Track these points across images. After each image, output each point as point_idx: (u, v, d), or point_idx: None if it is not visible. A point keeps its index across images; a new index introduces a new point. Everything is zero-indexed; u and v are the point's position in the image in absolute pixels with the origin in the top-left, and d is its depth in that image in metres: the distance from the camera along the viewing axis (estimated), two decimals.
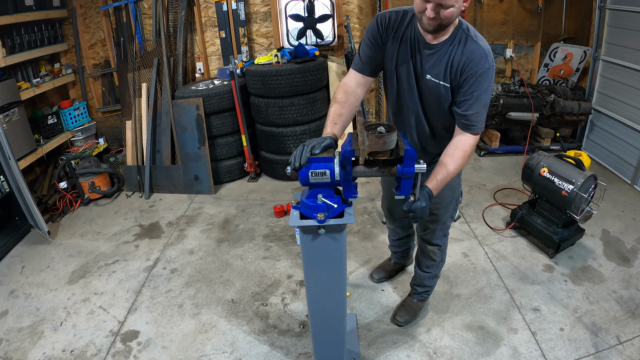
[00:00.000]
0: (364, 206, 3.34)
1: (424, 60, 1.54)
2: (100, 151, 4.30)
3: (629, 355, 1.94)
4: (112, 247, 3.03)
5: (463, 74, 1.48)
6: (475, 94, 1.48)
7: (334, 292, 1.59)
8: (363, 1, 4.05)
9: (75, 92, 4.47)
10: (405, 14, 1.56)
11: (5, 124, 3.21)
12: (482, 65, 1.45)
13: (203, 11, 4.13)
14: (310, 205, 1.38)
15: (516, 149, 4.10)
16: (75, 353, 2.13)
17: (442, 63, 1.51)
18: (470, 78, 1.47)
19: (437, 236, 2.00)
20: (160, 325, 2.28)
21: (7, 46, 3.46)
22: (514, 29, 4.21)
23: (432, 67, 1.53)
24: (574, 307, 2.24)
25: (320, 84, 3.69)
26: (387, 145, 1.32)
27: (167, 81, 3.74)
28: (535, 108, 3.85)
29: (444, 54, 1.50)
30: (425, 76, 1.55)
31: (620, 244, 2.74)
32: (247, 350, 2.09)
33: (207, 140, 3.62)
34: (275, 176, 3.90)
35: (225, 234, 3.10)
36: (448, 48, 1.49)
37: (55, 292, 2.59)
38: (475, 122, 1.51)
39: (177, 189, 3.78)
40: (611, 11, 3.63)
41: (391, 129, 1.34)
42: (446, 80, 1.52)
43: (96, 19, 4.27)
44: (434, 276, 2.16)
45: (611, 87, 3.74)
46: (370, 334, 2.15)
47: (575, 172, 2.50)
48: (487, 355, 1.99)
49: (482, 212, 3.16)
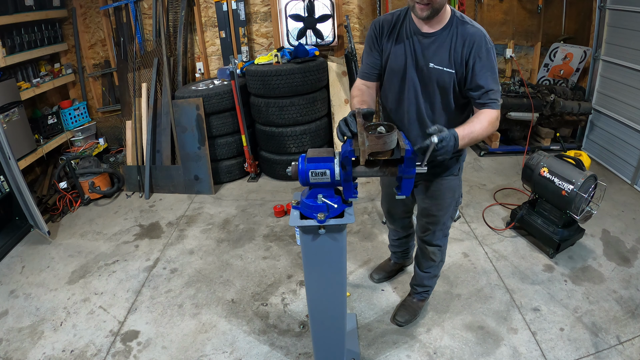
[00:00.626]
0: (364, 206, 3.34)
1: (425, 49, 1.58)
2: (100, 151, 4.30)
3: (629, 355, 1.94)
4: (112, 247, 3.03)
5: (470, 58, 1.52)
6: (487, 73, 1.53)
7: (334, 292, 1.59)
8: (363, 1, 4.05)
9: (75, 92, 4.47)
10: (400, 13, 1.65)
11: (5, 124, 3.21)
12: (485, 45, 1.51)
13: (203, 11, 4.13)
14: (311, 205, 1.39)
15: (516, 149, 4.10)
16: (75, 353, 2.13)
17: (443, 49, 1.55)
18: (477, 59, 1.51)
19: (437, 237, 2.00)
20: (160, 325, 2.28)
21: (7, 46, 3.46)
22: (514, 29, 4.21)
23: (434, 54, 1.56)
24: (574, 307, 2.24)
25: (320, 84, 3.69)
26: (388, 145, 1.31)
27: (167, 81, 3.74)
28: (535, 108, 3.85)
29: (444, 41, 1.55)
30: (429, 64, 1.57)
31: (620, 244, 2.74)
32: (247, 350, 2.09)
33: (207, 140, 3.62)
34: (275, 176, 3.90)
35: (225, 234, 3.10)
36: (447, 35, 1.54)
37: (55, 292, 2.59)
38: (494, 98, 1.55)
39: (177, 189, 3.78)
40: (611, 11, 3.63)
41: (391, 129, 1.34)
42: (450, 66, 1.55)
43: (96, 19, 4.27)
44: (434, 276, 2.16)
45: (611, 87, 3.74)
46: (370, 334, 2.15)
47: (575, 172, 2.50)
48: (487, 355, 1.99)
49: (482, 212, 3.16)
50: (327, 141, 3.95)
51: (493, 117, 1.55)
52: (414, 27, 1.59)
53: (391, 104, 1.76)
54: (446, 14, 1.55)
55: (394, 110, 1.76)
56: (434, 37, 1.56)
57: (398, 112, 1.74)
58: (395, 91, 1.71)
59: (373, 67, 1.73)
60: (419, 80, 1.63)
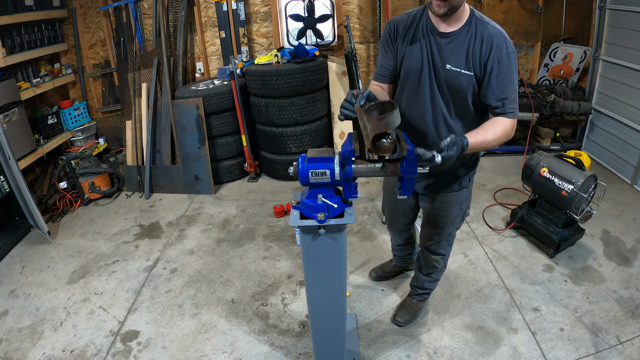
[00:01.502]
0: (364, 206, 3.34)
1: (442, 50, 1.50)
2: (100, 151, 4.30)
3: (629, 355, 1.94)
4: (112, 247, 3.03)
5: (489, 61, 1.44)
6: (505, 79, 1.45)
7: (334, 292, 1.59)
8: (363, 1, 4.05)
9: (75, 92, 4.47)
10: (417, 13, 1.57)
11: (5, 124, 3.21)
12: (506, 49, 1.43)
13: (203, 11, 4.13)
14: (310, 205, 1.38)
15: (516, 149, 4.10)
16: (75, 353, 2.13)
17: (461, 51, 1.47)
18: (496, 64, 1.44)
19: (442, 246, 1.98)
20: (160, 325, 2.28)
21: (7, 46, 3.46)
22: (514, 29, 4.20)
23: (451, 55, 1.49)
24: (574, 307, 2.24)
25: (320, 84, 3.69)
26: (391, 124, 1.26)
27: (167, 81, 3.74)
28: (535, 108, 3.85)
29: (462, 42, 1.47)
30: (445, 66, 1.50)
31: (620, 244, 2.74)
32: (247, 350, 2.09)
33: (207, 140, 3.62)
34: (275, 176, 3.90)
35: (225, 234, 3.10)
36: (465, 35, 1.46)
37: (55, 292, 2.59)
38: (512, 108, 1.48)
39: (177, 189, 3.78)
40: (611, 11, 3.63)
41: (392, 107, 1.28)
42: (468, 69, 1.47)
43: (96, 19, 4.27)
44: (435, 280, 2.16)
45: (611, 87, 3.74)
46: (370, 334, 2.15)
47: (575, 172, 2.50)
48: (487, 355, 1.99)
49: (482, 212, 3.16)
50: (327, 141, 3.95)
51: (508, 128, 1.49)
52: (430, 26, 1.51)
53: (406, 107, 1.65)
54: (465, 12, 1.47)
55: (409, 113, 1.65)
56: (451, 37, 1.48)
57: (413, 116, 1.65)
58: (410, 93, 1.62)
59: (387, 69, 1.66)
60: (436, 82, 1.55)
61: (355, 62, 3.79)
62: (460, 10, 1.44)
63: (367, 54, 4.26)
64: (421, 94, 1.59)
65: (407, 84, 1.62)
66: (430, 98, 1.58)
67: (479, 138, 1.43)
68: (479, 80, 1.49)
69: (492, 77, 1.46)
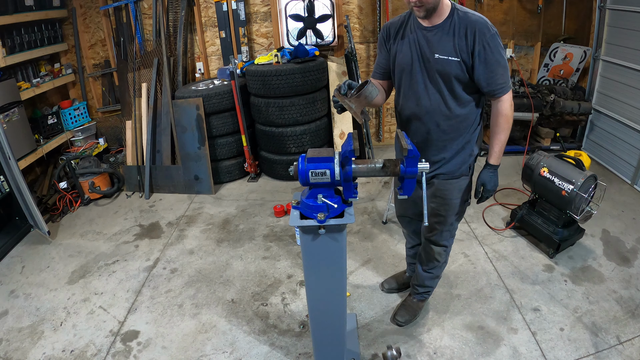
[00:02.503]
0: (364, 206, 3.34)
1: (429, 41, 1.62)
2: (100, 151, 4.30)
3: (629, 355, 1.94)
4: (112, 247, 3.03)
5: (475, 47, 1.55)
6: (493, 59, 1.56)
7: (334, 292, 1.59)
8: (363, 1, 4.05)
9: (75, 92, 4.47)
10: (405, 15, 1.72)
11: (5, 124, 3.21)
12: (488, 32, 1.54)
13: (203, 11, 4.13)
14: (311, 205, 1.39)
15: (516, 149, 4.10)
16: (75, 353, 2.13)
17: (447, 40, 1.58)
18: (482, 49, 1.55)
19: (444, 237, 1.98)
20: (160, 325, 2.28)
21: (7, 46, 3.46)
22: (514, 29, 4.20)
23: (438, 45, 1.60)
24: (574, 307, 2.24)
25: (320, 84, 3.69)
26: (370, 97, 1.47)
27: (167, 81, 3.74)
28: (535, 108, 3.85)
29: (447, 31, 1.58)
30: (434, 55, 1.61)
31: (620, 244, 2.74)
32: (247, 350, 2.09)
33: (207, 140, 3.62)
34: (275, 176, 3.90)
35: (225, 234, 3.10)
36: (449, 25, 1.58)
37: (55, 292, 2.59)
38: (502, 84, 1.61)
39: (177, 189, 3.78)
40: (611, 11, 3.63)
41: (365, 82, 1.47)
42: (456, 55, 1.58)
43: (96, 19, 4.27)
44: (436, 277, 2.16)
45: (611, 87, 3.74)
46: (370, 334, 2.15)
47: (575, 172, 2.50)
48: (487, 355, 1.99)
49: (482, 212, 3.16)
50: (327, 141, 3.95)
51: (508, 112, 1.65)
52: (417, 23, 1.65)
53: (403, 101, 1.76)
54: (445, 8, 1.59)
55: (406, 107, 1.76)
56: (436, 30, 1.60)
57: (410, 108, 1.74)
58: (406, 87, 1.73)
59: (381, 67, 1.83)
60: (427, 72, 1.65)
61: (355, 62, 3.79)
62: (440, 7, 1.57)
63: (367, 54, 4.26)
64: (414, 85, 1.70)
65: (402, 79, 1.75)
66: (424, 88, 1.69)
67: (496, 149, 1.77)
68: (468, 66, 1.60)
69: (480, 62, 1.57)
